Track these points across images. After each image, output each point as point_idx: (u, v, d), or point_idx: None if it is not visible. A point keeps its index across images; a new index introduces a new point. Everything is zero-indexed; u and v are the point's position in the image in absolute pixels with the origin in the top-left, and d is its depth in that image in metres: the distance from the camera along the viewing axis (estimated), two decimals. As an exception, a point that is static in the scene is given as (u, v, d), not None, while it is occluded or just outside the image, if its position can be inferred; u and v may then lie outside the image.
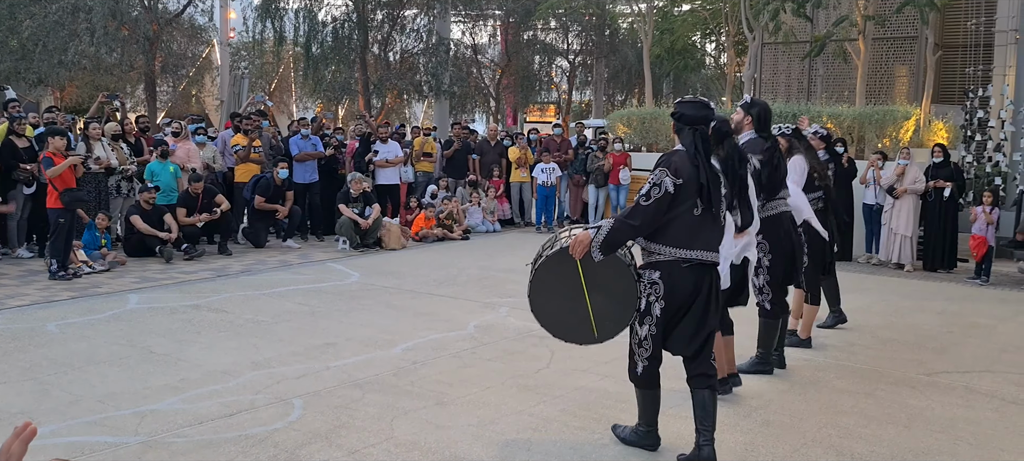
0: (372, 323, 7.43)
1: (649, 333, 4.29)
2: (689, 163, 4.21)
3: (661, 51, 23.08)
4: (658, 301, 4.25)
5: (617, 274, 4.33)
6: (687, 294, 4.25)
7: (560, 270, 4.37)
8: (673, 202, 4.15)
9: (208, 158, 12.20)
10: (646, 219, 4.16)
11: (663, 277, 4.24)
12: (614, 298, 4.35)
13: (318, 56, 21.81)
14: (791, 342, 6.70)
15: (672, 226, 4.20)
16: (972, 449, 4.74)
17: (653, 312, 4.27)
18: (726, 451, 4.59)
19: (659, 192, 4.14)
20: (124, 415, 4.95)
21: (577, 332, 4.47)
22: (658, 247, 4.24)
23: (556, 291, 4.41)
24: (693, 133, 4.29)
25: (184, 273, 9.73)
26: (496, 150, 15.41)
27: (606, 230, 4.21)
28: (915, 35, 17.56)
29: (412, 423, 4.90)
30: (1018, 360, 6.72)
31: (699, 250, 4.22)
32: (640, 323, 4.32)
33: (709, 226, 4.25)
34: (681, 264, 4.22)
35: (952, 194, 11.19)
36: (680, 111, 4.38)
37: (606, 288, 4.34)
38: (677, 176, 4.15)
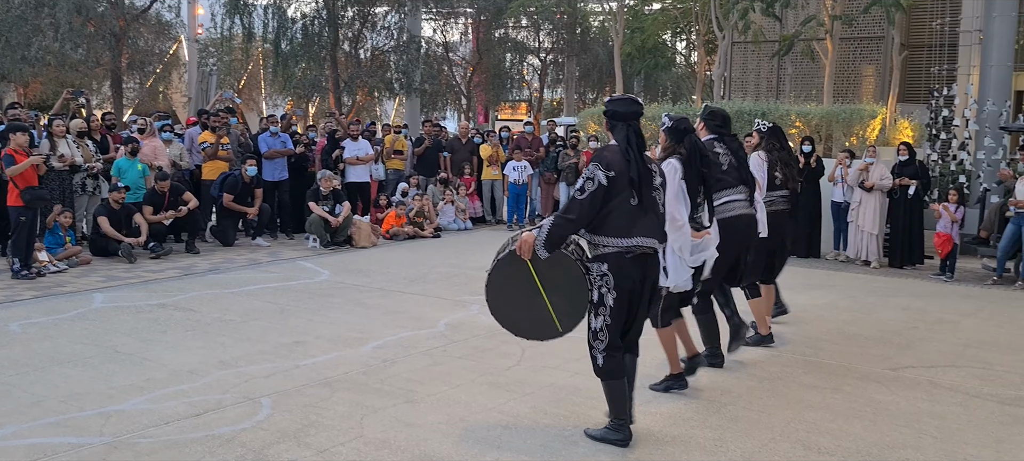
0: (342, 321, 7.38)
1: (604, 324, 4.44)
2: (621, 156, 4.40)
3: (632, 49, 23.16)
4: (610, 292, 4.41)
5: (565, 269, 4.48)
6: (635, 282, 4.44)
7: (513, 272, 4.51)
8: (608, 194, 4.33)
9: (175, 155, 12.05)
10: (582, 212, 4.32)
11: (611, 268, 4.40)
12: (567, 292, 4.50)
13: (288, 53, 21.61)
14: (753, 340, 6.77)
15: (611, 217, 4.37)
16: (937, 443, 4.80)
17: (606, 303, 4.42)
18: (695, 447, 4.62)
19: (593, 186, 4.32)
20: (88, 416, 4.88)
21: (540, 329, 4.58)
22: (602, 239, 4.41)
23: (512, 293, 4.54)
24: (625, 128, 4.49)
25: (150, 272, 9.61)
26: (467, 148, 15.38)
27: (547, 227, 4.36)
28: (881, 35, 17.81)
29: (382, 421, 4.88)
30: (982, 355, 6.83)
31: (640, 238, 4.41)
32: (594, 315, 4.47)
33: (647, 215, 4.44)
34: (626, 254, 4.39)
35: (917, 192, 11.34)
36: (611, 109, 4.59)
37: (559, 283, 4.49)
38: (609, 169, 4.34)
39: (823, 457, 4.53)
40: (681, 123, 5.18)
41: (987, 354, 6.86)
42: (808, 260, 11.90)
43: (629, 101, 4.63)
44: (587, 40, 29.63)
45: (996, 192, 12.18)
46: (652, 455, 4.48)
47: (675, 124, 5.18)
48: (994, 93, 12.98)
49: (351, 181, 13.36)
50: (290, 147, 12.87)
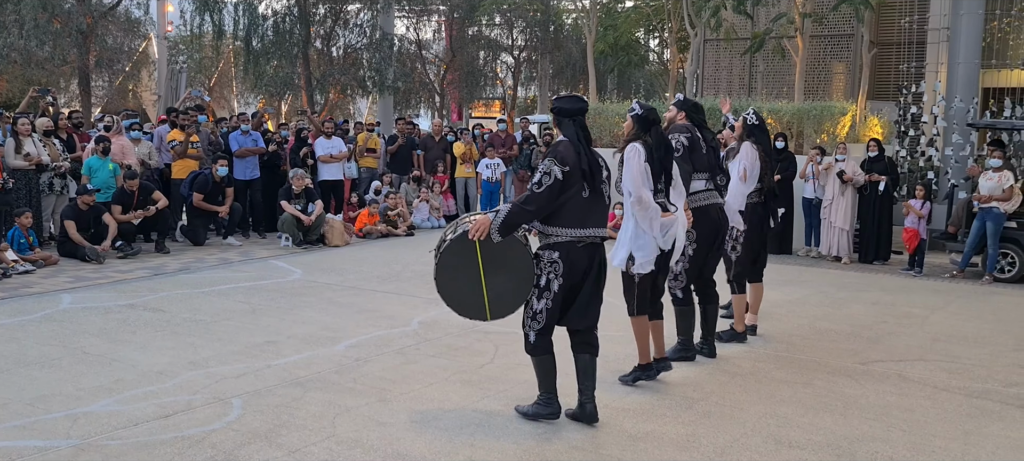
0: (314, 320, 7.33)
1: (545, 307, 4.71)
2: (573, 151, 4.64)
3: (605, 47, 23.23)
4: (557, 278, 4.68)
5: (516, 254, 4.72)
6: (583, 270, 4.70)
7: (463, 252, 4.72)
8: (562, 187, 4.57)
9: (144, 154, 11.91)
10: (539, 204, 4.57)
11: (562, 256, 4.66)
12: (513, 277, 4.73)
13: (259, 51, 21.43)
14: (726, 336, 6.83)
15: (565, 209, 4.62)
16: (905, 435, 4.86)
17: (552, 288, 4.69)
18: (668, 443, 4.64)
19: (549, 180, 4.56)
20: (55, 418, 4.80)
21: (474, 310, 4.82)
22: (555, 229, 4.66)
23: (459, 272, 4.76)
24: (573, 124, 4.74)
25: (119, 272, 9.49)
26: (440, 146, 15.34)
27: (503, 214, 4.61)
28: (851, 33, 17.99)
29: (354, 420, 4.85)
30: (949, 349, 6.92)
31: (591, 228, 4.67)
32: (538, 298, 4.72)
33: (597, 207, 4.70)
34: (577, 244, 4.66)
35: (886, 188, 11.47)
36: (559, 106, 4.83)
37: (506, 268, 4.72)
38: (564, 164, 4.58)
39: (794, 451, 4.57)
40: (650, 113, 5.36)
41: (954, 348, 6.95)
42: (780, 256, 11.99)
43: (574, 98, 4.86)
44: (560, 38, 29.66)
45: (964, 188, 12.35)
46: (624, 452, 4.50)
47: (645, 114, 5.32)
48: (961, 90, 13.15)
49: (324, 179, 13.28)
50: (262, 146, 12.76)
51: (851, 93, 17.11)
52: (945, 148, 13.29)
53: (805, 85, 16.51)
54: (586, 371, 4.86)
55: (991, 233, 10.24)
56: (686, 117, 6.06)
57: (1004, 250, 10.39)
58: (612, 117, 15.42)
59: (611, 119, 15.41)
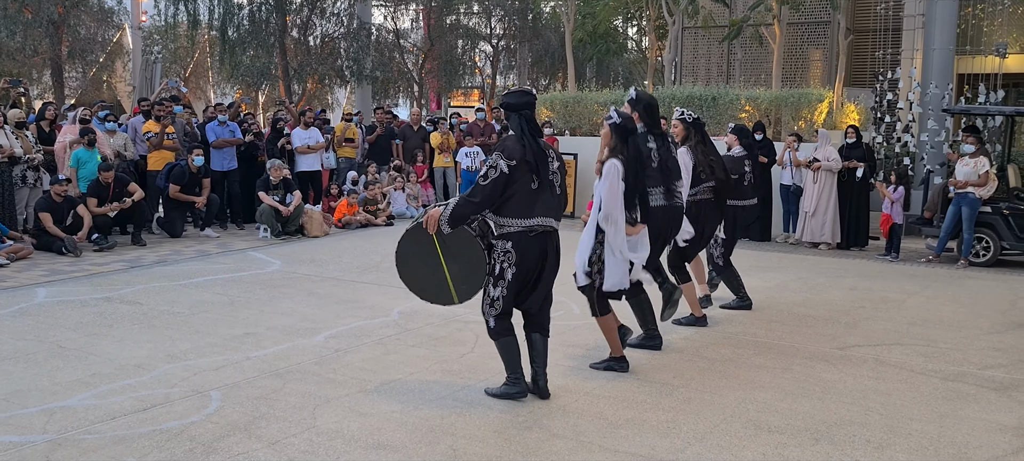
0: (294, 311, 7.29)
1: (500, 294, 4.90)
2: (519, 144, 4.80)
3: (583, 35, 23.21)
4: (511, 267, 4.86)
5: (467, 244, 4.92)
6: (536, 258, 4.91)
7: (419, 241, 4.97)
8: (509, 180, 4.75)
9: (119, 146, 11.77)
10: (485, 197, 4.76)
11: (515, 246, 4.84)
12: (468, 265, 4.94)
13: (235, 40, 21.20)
14: (687, 321, 6.86)
15: (514, 200, 4.79)
16: (882, 419, 4.90)
17: (506, 276, 4.87)
18: (648, 429, 4.66)
19: (495, 173, 4.75)
20: (31, 413, 4.75)
21: (440, 295, 5.04)
22: (507, 220, 4.83)
23: (418, 260, 5.02)
24: (519, 118, 4.88)
25: (95, 265, 9.39)
26: (419, 135, 15.28)
27: (451, 206, 4.81)
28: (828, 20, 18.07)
29: (335, 411, 4.83)
30: (925, 333, 6.99)
31: (540, 217, 4.85)
32: (493, 286, 4.91)
33: (546, 197, 4.87)
34: (528, 233, 4.84)
35: (864, 174, 11.55)
36: (506, 101, 4.96)
37: (460, 256, 4.93)
38: (510, 158, 4.76)
39: (773, 435, 4.60)
40: (628, 123, 5.43)
41: (931, 332, 7.03)
42: (760, 243, 12.07)
43: (521, 93, 5.00)
44: (539, 26, 29.57)
45: (939, 173, 12.47)
46: (605, 439, 4.51)
47: (623, 123, 5.39)
48: (937, 76, 13.26)
49: (302, 170, 13.20)
50: (239, 136, 12.65)
51: (828, 80, 17.20)
52: (920, 134, 13.40)
53: (782, 72, 16.57)
54: (538, 349, 5.07)
55: (966, 218, 10.35)
56: (639, 118, 5.99)
57: (979, 235, 10.51)
58: (591, 106, 15.43)
59: (590, 107, 15.42)
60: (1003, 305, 8.21)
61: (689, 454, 4.34)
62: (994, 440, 4.64)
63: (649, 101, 6.05)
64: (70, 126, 11.62)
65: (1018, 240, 10.33)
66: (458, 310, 7.07)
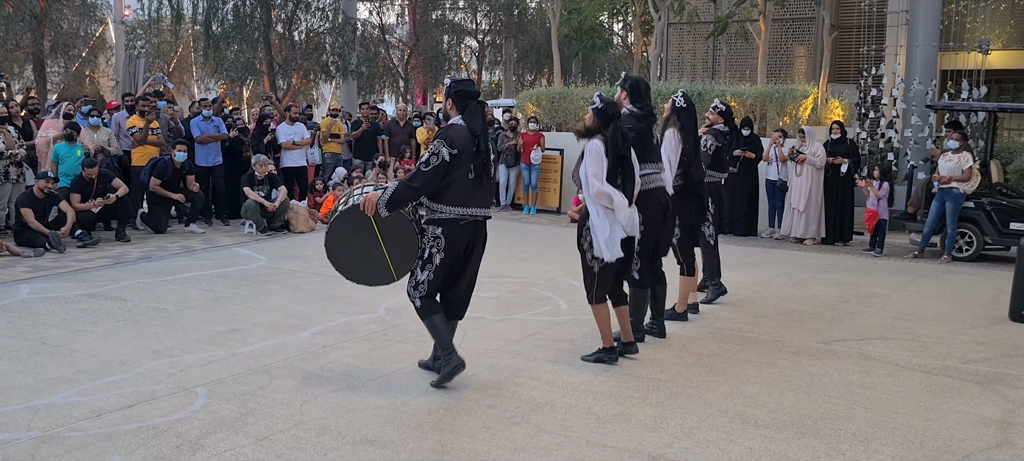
0: (280, 307, 7.26)
1: (427, 278, 5.02)
2: (464, 133, 4.91)
3: (569, 31, 23.22)
4: (439, 252, 4.98)
5: (402, 227, 5.04)
6: (464, 246, 5.02)
7: (354, 224, 5.03)
8: (450, 168, 4.84)
9: (103, 141, 11.68)
10: (425, 183, 4.85)
11: (445, 232, 4.95)
12: (401, 247, 5.06)
13: (219, 35, 21.09)
14: (667, 316, 6.87)
15: (450, 188, 4.90)
16: (868, 412, 4.94)
17: (434, 261, 5.00)
18: (636, 424, 4.67)
19: (437, 160, 4.83)
20: (15, 410, 4.71)
21: (376, 276, 5.14)
22: (440, 207, 4.95)
23: (352, 242, 5.08)
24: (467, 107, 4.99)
25: (79, 261, 9.32)
26: (405, 131, 15.25)
27: (391, 191, 4.90)
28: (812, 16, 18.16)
29: (322, 407, 4.82)
30: (910, 327, 7.04)
31: (474, 208, 4.99)
32: (421, 269, 5.04)
33: (481, 187, 5.00)
34: (459, 221, 4.96)
35: (849, 169, 11.62)
36: (457, 89, 5.06)
37: (395, 239, 5.05)
38: (453, 146, 4.84)
39: (760, 430, 4.62)
40: (610, 107, 5.47)
41: (915, 326, 7.08)
42: (745, 238, 12.12)
43: (470, 82, 5.17)
44: (524, 22, 29.57)
45: (923, 169, 12.55)
46: (593, 434, 4.52)
47: (605, 107, 5.44)
48: (920, 72, 13.34)
49: (288, 166, 13.14)
50: (223, 131, 12.59)
51: (813, 76, 17.28)
52: (904, 130, 13.48)
53: (768, 68, 16.64)
54: (451, 332, 5.21)
55: (950, 213, 10.43)
56: (629, 99, 6.04)
57: (962, 230, 10.58)
58: (577, 101, 15.43)
59: (576, 103, 15.43)
60: (986, 300, 8.27)
61: (677, 449, 4.35)
62: (977, 433, 4.68)
63: (635, 81, 6.11)
64: (52, 121, 11.52)
65: (1000, 235, 10.42)
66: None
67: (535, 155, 14.34)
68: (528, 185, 14.66)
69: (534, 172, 14.52)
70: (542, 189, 14.83)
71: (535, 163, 14.41)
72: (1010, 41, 17.62)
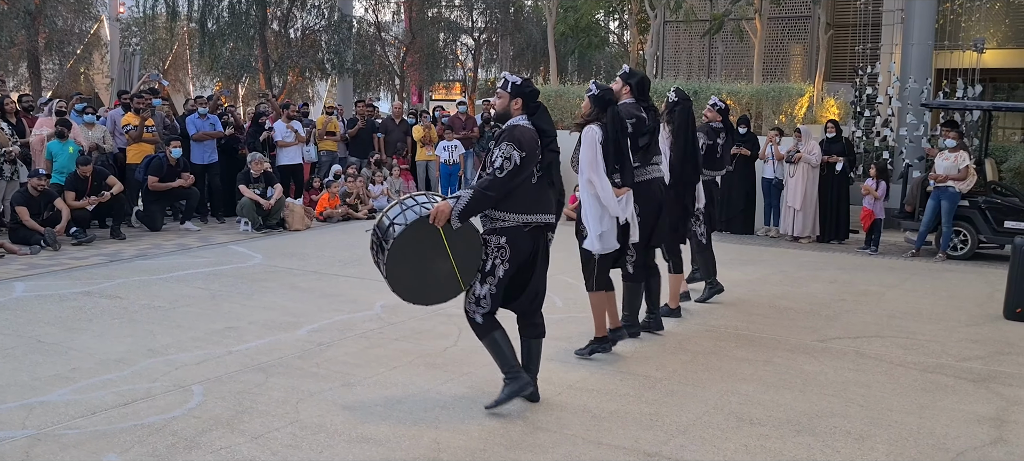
0: (276, 305, 7.26)
1: (489, 292, 4.67)
2: (530, 135, 4.64)
3: (565, 29, 23.18)
4: (504, 263, 4.65)
5: (469, 239, 4.65)
6: (528, 254, 4.70)
7: (418, 238, 4.55)
8: (519, 172, 4.56)
9: (98, 138, 11.65)
10: (501, 190, 4.55)
11: (509, 241, 4.64)
12: (468, 256, 4.66)
13: (214, 32, 21.01)
14: (662, 313, 6.88)
15: (515, 194, 4.62)
16: (863, 410, 4.95)
17: (497, 273, 4.66)
18: (631, 421, 4.67)
19: (510, 165, 4.52)
20: (10, 408, 4.70)
21: (441, 292, 4.70)
22: (503, 214, 4.64)
23: (414, 259, 4.60)
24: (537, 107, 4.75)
25: (74, 259, 9.30)
26: (401, 128, 15.23)
27: (466, 200, 4.54)
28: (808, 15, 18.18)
29: (318, 405, 4.81)
30: (905, 325, 7.06)
31: (539, 214, 4.69)
32: (481, 283, 4.68)
33: (545, 192, 4.74)
34: (524, 228, 4.65)
35: (843, 168, 11.63)
36: (527, 89, 4.75)
37: (462, 249, 4.64)
38: (521, 148, 4.55)
39: (755, 427, 4.63)
40: (607, 94, 5.49)
41: (910, 324, 7.09)
42: (741, 236, 12.14)
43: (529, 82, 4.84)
44: (521, 19, 29.54)
45: (918, 168, 12.57)
46: (588, 431, 4.52)
47: (602, 94, 5.46)
48: (916, 71, 13.36)
49: (283, 163, 13.13)
50: (219, 129, 12.56)
51: (808, 74, 17.30)
52: (900, 128, 13.50)
53: (763, 67, 16.65)
54: (533, 355, 4.88)
55: (946, 212, 10.44)
56: (631, 93, 6.07)
57: (957, 228, 10.60)
58: (573, 99, 15.42)
59: (572, 101, 15.41)
60: (981, 298, 8.30)
61: (672, 446, 4.36)
62: (972, 431, 4.69)
63: (641, 77, 6.17)
64: (46, 118, 11.49)
65: (995, 234, 10.44)
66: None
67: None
68: (524, 183, 14.64)
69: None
70: (538, 187, 14.81)
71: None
72: (1005, 40, 17.67)
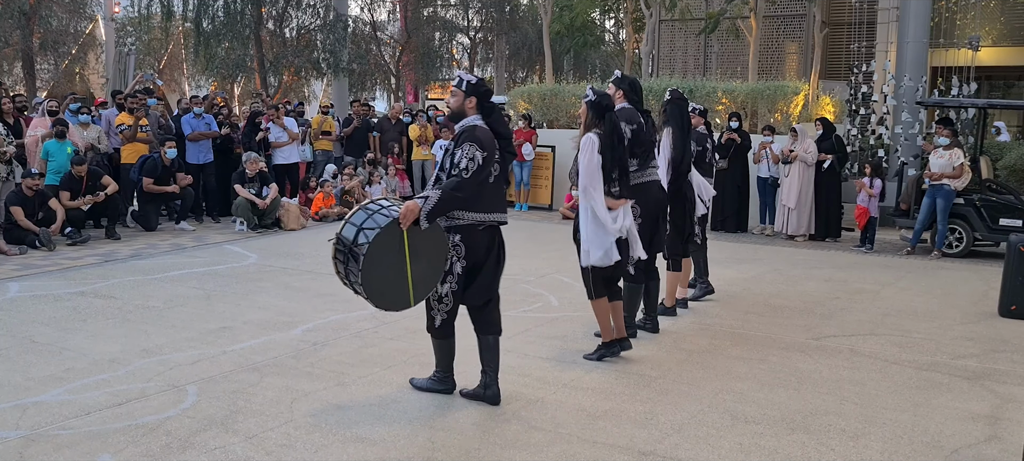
0: (271, 305, 7.25)
1: (450, 290, 4.79)
2: (489, 135, 4.74)
3: (561, 28, 23.19)
4: (460, 261, 4.75)
5: (435, 240, 4.65)
6: (483, 252, 4.80)
7: (389, 241, 4.53)
8: (481, 171, 4.64)
9: (93, 138, 11.63)
10: (469, 190, 4.61)
11: (464, 239, 4.74)
12: (430, 262, 4.66)
13: (210, 32, 21.02)
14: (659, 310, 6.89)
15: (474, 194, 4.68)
16: (857, 408, 4.95)
17: (455, 271, 4.77)
18: (626, 420, 4.67)
19: (474, 165, 4.60)
20: (3, 409, 4.69)
21: (396, 300, 4.63)
22: (459, 213, 4.71)
23: (383, 262, 4.57)
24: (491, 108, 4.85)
25: (69, 259, 9.29)
26: (397, 128, 15.23)
27: (434, 200, 4.54)
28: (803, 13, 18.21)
29: (312, 405, 4.81)
30: (899, 323, 7.07)
31: (494, 213, 4.80)
32: (442, 282, 4.78)
33: (499, 191, 4.86)
34: (478, 227, 4.75)
35: (833, 166, 11.63)
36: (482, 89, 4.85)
37: (425, 253, 4.62)
38: (483, 149, 4.65)
39: (750, 425, 4.63)
40: (603, 100, 5.48)
41: (905, 322, 7.10)
42: (736, 234, 12.15)
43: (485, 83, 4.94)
44: (516, 18, 29.58)
45: (913, 166, 12.59)
46: (583, 430, 4.52)
47: (598, 100, 5.46)
48: (910, 69, 13.38)
49: (279, 163, 13.11)
50: (214, 129, 12.55)
51: (804, 73, 17.32)
52: (895, 126, 13.52)
53: (759, 65, 16.66)
54: (491, 351, 4.92)
55: (941, 210, 10.46)
56: (625, 97, 6.07)
57: (952, 226, 10.62)
58: (568, 98, 15.43)
59: (567, 100, 15.43)
60: (975, 296, 8.31)
61: (667, 445, 4.36)
62: (966, 428, 4.70)
63: (633, 81, 6.18)
64: (41, 119, 11.46)
65: (990, 231, 10.46)
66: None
67: (527, 152, 14.33)
68: (520, 182, 14.66)
69: (526, 169, 14.51)
70: (533, 186, 14.84)
71: (527, 160, 14.41)
72: (1000, 38, 17.71)
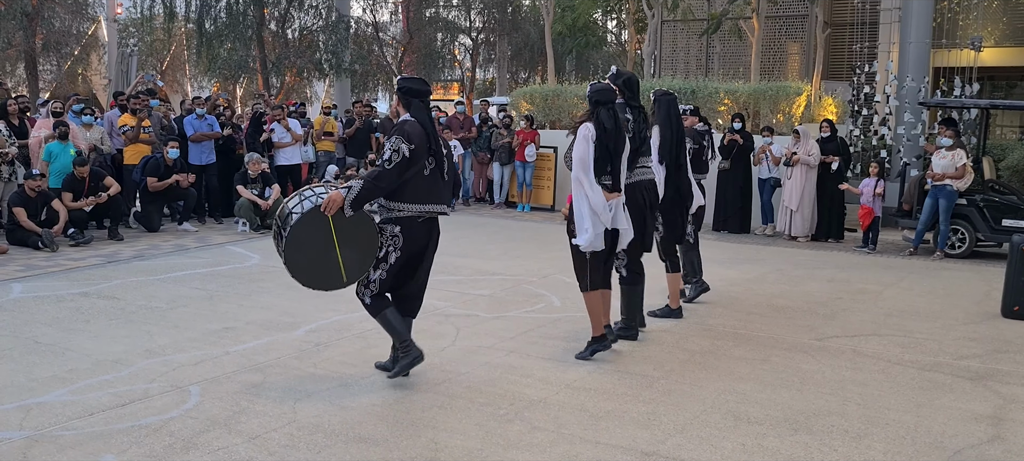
0: (273, 306, 7.25)
1: (379, 277, 5.01)
2: (419, 130, 4.90)
3: (563, 28, 23.22)
4: (396, 251, 4.97)
5: (364, 227, 4.95)
6: (422, 244, 5.03)
7: (313, 226, 4.88)
8: (409, 164, 4.83)
9: (95, 139, 11.65)
10: (389, 181, 4.83)
11: (403, 230, 4.96)
12: (360, 248, 4.96)
13: (212, 33, 21.03)
14: (663, 313, 6.89)
15: (408, 186, 4.91)
16: (860, 408, 4.95)
17: (389, 260, 4.99)
18: (629, 421, 4.67)
19: (398, 157, 4.81)
20: (7, 409, 4.69)
21: (327, 280, 5.00)
22: (398, 204, 4.93)
23: (309, 246, 4.92)
24: (420, 104, 5.02)
25: (72, 260, 9.30)
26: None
27: (356, 190, 4.83)
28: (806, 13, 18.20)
29: (315, 405, 4.81)
30: (902, 324, 7.06)
31: (432, 204, 5.00)
32: (374, 268, 5.02)
33: (438, 183, 5.02)
34: (417, 219, 4.97)
35: (838, 167, 11.63)
36: (407, 86, 5.05)
37: (354, 239, 4.93)
38: (410, 142, 4.83)
39: (753, 426, 4.63)
40: (596, 94, 5.58)
41: (907, 322, 7.10)
42: (738, 235, 12.14)
43: (421, 80, 5.15)
44: (518, 19, 29.59)
45: (916, 166, 12.58)
46: (586, 431, 4.52)
47: (590, 93, 5.58)
48: (913, 69, 13.36)
49: (281, 164, 13.12)
50: (217, 130, 12.56)
51: (806, 73, 17.32)
52: (897, 127, 13.52)
53: (761, 65, 16.66)
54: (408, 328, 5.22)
55: (943, 210, 10.45)
56: (619, 93, 6.05)
57: (954, 226, 10.61)
58: (570, 98, 15.44)
59: (570, 101, 15.43)
60: (978, 296, 8.30)
61: (669, 445, 4.36)
62: (969, 429, 4.70)
63: (628, 78, 6.18)
64: (44, 120, 11.48)
65: (993, 232, 10.45)
66: (438, 304, 7.09)
67: (529, 153, 14.34)
68: (522, 183, 14.66)
69: (528, 170, 14.51)
70: (536, 187, 14.84)
71: (529, 161, 14.41)
72: (1002, 38, 17.69)
